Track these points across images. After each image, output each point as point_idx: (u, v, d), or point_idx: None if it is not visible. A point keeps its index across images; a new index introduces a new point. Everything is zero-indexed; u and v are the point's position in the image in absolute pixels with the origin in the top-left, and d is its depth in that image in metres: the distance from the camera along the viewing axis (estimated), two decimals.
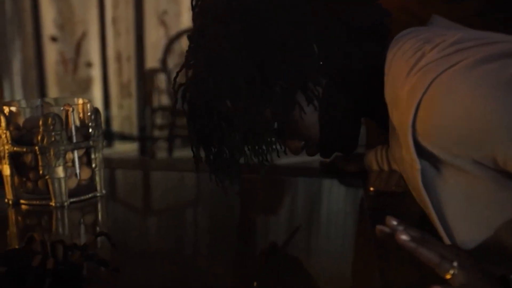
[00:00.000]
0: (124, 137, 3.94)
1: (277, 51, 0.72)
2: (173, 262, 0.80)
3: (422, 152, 0.66)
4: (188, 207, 1.14)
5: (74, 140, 1.00)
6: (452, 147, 0.63)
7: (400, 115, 0.68)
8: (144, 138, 3.91)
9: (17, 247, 0.80)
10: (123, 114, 3.93)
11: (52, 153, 0.97)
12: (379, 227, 0.60)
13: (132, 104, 3.91)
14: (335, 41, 0.75)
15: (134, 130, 3.94)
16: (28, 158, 1.00)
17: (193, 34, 0.77)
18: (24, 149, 0.99)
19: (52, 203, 1.00)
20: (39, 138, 0.97)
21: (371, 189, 1.08)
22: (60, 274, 0.68)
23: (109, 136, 3.71)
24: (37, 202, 1.02)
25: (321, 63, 0.75)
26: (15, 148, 0.99)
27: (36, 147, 0.97)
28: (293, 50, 0.72)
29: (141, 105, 3.86)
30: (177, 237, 0.93)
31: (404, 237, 0.57)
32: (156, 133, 3.78)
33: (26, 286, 0.64)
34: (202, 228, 1.01)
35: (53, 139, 0.96)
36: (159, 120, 3.74)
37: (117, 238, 0.78)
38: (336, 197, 1.18)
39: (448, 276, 0.56)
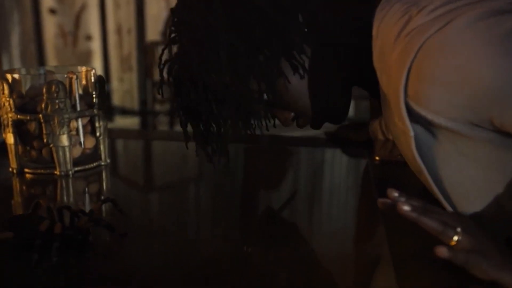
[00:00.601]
0: (125, 112, 3.94)
1: (260, 20, 0.71)
2: (176, 230, 0.80)
3: (415, 117, 0.64)
4: (191, 178, 1.14)
5: (78, 108, 0.99)
6: (446, 110, 0.61)
7: (390, 81, 0.66)
8: (145, 112, 3.90)
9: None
10: (124, 88, 3.91)
11: (56, 121, 0.96)
12: (381, 200, 0.60)
13: (132, 77, 3.89)
14: (320, 7, 0.73)
15: (135, 104, 3.93)
16: (32, 126, 0.99)
17: (176, 7, 0.76)
18: (28, 117, 0.98)
19: (57, 172, 1.00)
20: (43, 105, 0.96)
21: (376, 158, 1.07)
22: (67, 239, 0.68)
23: (110, 111, 3.70)
24: (42, 171, 1.01)
25: (305, 30, 0.73)
26: (18, 116, 0.98)
27: (40, 115, 0.96)
28: (276, 18, 0.71)
29: (142, 79, 3.85)
30: (180, 207, 0.93)
31: (405, 207, 0.57)
32: (157, 107, 3.77)
33: (34, 251, 0.64)
34: (205, 197, 1.01)
35: (57, 106, 0.96)
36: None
37: (122, 205, 0.78)
38: (340, 167, 1.18)
39: (452, 243, 0.56)
